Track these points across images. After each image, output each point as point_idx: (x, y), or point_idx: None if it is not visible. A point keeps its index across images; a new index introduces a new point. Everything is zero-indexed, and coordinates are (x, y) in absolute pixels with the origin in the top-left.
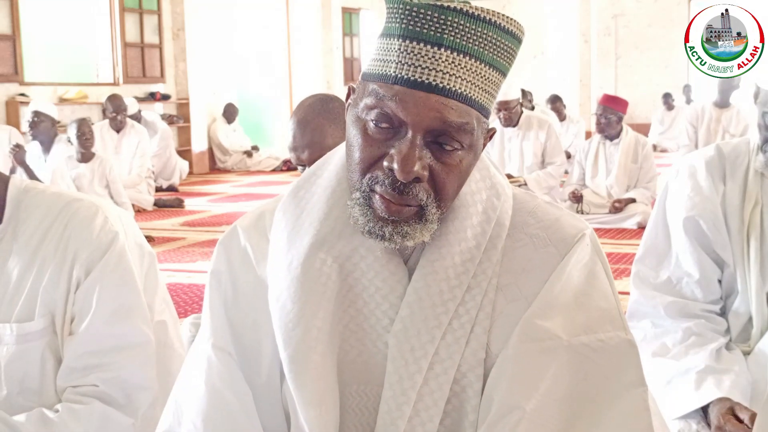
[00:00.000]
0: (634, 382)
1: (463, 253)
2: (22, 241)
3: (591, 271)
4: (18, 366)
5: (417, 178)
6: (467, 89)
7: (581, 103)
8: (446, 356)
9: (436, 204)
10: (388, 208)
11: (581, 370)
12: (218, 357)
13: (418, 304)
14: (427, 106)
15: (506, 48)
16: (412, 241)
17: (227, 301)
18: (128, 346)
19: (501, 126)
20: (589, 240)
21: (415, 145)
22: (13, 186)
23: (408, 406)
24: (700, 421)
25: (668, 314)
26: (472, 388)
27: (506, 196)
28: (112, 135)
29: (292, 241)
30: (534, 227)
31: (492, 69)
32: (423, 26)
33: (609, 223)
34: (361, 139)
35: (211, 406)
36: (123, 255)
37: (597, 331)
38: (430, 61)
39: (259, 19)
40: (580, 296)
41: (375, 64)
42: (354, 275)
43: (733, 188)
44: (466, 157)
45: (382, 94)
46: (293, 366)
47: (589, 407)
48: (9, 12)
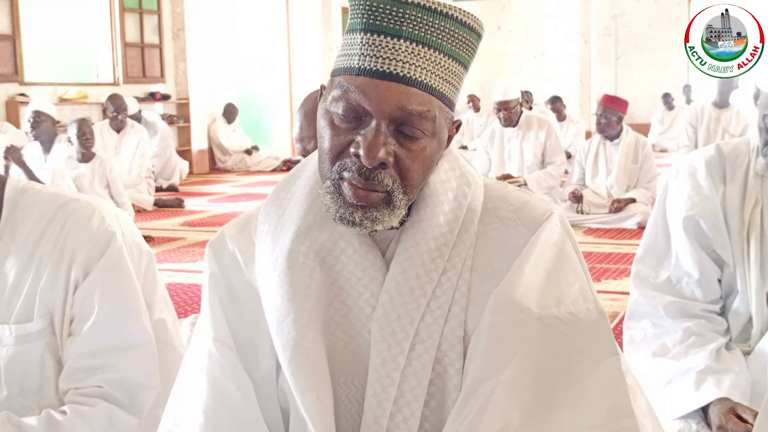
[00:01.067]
0: (607, 351)
1: (437, 239)
2: (20, 241)
3: (561, 249)
4: (18, 367)
5: (382, 163)
6: (427, 78)
7: (581, 103)
8: (426, 336)
9: (402, 190)
10: (356, 194)
11: (554, 342)
12: (219, 350)
13: (397, 290)
14: (389, 95)
15: (465, 40)
16: (381, 225)
17: (224, 300)
18: (130, 346)
19: (501, 126)
20: (558, 220)
21: (379, 132)
22: (10, 186)
23: (393, 387)
24: (700, 421)
25: (668, 314)
26: (453, 367)
27: (476, 184)
28: (112, 135)
29: (275, 240)
30: (504, 210)
31: (452, 60)
32: (383, 20)
33: (609, 223)
34: (329, 129)
35: (213, 399)
36: (121, 255)
37: (568, 304)
38: (390, 52)
39: (259, 19)
40: (550, 272)
41: (340, 59)
42: (336, 268)
43: (733, 188)
44: (430, 145)
45: (347, 86)
46: (287, 353)
47: (564, 378)
48: (9, 12)
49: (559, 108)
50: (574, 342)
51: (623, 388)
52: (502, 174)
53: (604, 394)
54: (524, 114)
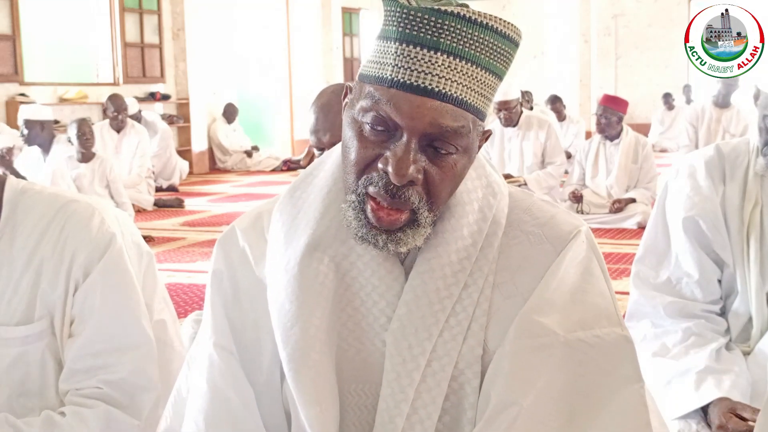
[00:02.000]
0: (631, 377)
1: (460, 251)
2: (19, 242)
3: (587, 268)
4: (18, 368)
5: (411, 181)
6: (463, 93)
7: (581, 103)
8: (443, 353)
9: (428, 207)
10: (379, 219)
11: (578, 366)
12: (220, 355)
13: (415, 302)
14: (423, 110)
15: (503, 52)
16: (405, 247)
17: (227, 301)
18: (130, 347)
19: (501, 126)
20: (585, 237)
21: (410, 149)
22: (9, 187)
23: (406, 403)
24: (700, 421)
25: (668, 314)
26: (470, 385)
27: (502, 194)
28: (113, 135)
29: (289, 240)
30: (530, 224)
31: (488, 73)
32: (420, 30)
33: (609, 223)
34: (357, 141)
35: (213, 405)
36: (121, 256)
37: (593, 327)
38: (426, 65)
39: (259, 19)
40: (576, 293)
41: (372, 66)
42: (351, 274)
43: (732, 188)
44: (461, 160)
45: (378, 97)
46: (292, 365)
47: (587, 403)
48: (9, 12)
49: (559, 108)
50: (599, 366)
51: (645, 417)
52: (502, 174)
53: (625, 422)
54: (524, 114)
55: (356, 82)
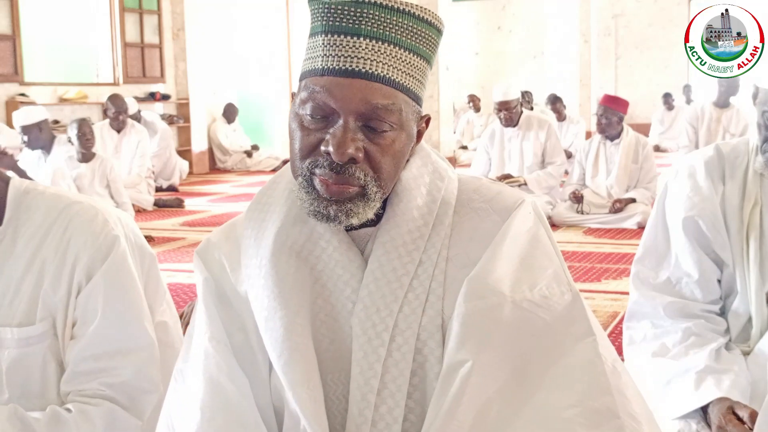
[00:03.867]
0: (582, 332)
1: (412, 232)
2: (22, 243)
3: (534, 236)
4: (19, 370)
5: (353, 159)
6: (389, 72)
7: (581, 103)
8: (405, 327)
9: (376, 183)
10: (328, 189)
11: (528, 325)
12: (215, 348)
13: (375, 284)
14: (353, 91)
15: (424, 35)
16: (356, 218)
17: (217, 303)
18: (132, 350)
19: (501, 126)
20: (531, 208)
21: (348, 129)
22: (13, 187)
23: (375, 379)
24: (699, 421)
25: (668, 314)
26: (434, 355)
27: (450, 178)
28: (113, 135)
29: (258, 243)
30: (478, 201)
31: (413, 54)
32: (342, 20)
33: (609, 223)
34: (299, 131)
35: (209, 395)
36: (124, 258)
37: (541, 288)
38: (351, 50)
39: (259, 19)
40: (523, 258)
41: (306, 63)
42: (317, 267)
43: (732, 188)
44: (398, 138)
45: (312, 87)
46: (277, 350)
47: (540, 360)
48: (9, 12)
49: (559, 108)
50: (549, 325)
51: (600, 367)
52: (503, 174)
53: (581, 374)
54: (524, 114)
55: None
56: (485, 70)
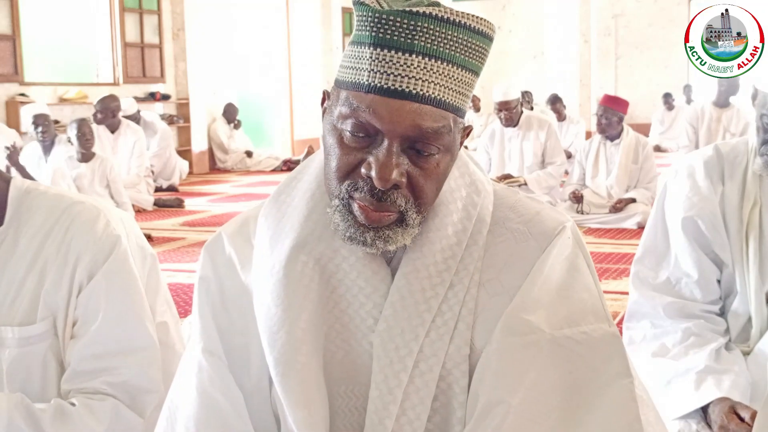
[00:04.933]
0: (619, 373)
1: (445, 251)
2: (23, 243)
3: (573, 264)
4: (20, 369)
5: (395, 185)
6: (441, 93)
7: (581, 103)
8: (431, 354)
9: (416, 209)
10: (367, 216)
11: (566, 362)
12: (208, 361)
13: (401, 302)
14: (402, 114)
15: (477, 48)
16: (394, 245)
17: (215, 306)
18: (134, 350)
19: (501, 126)
20: (570, 233)
21: (392, 153)
22: (14, 187)
23: (395, 405)
24: (699, 421)
25: (668, 315)
26: (458, 385)
27: (486, 192)
28: (108, 135)
29: (273, 244)
30: (515, 222)
31: (464, 70)
32: (393, 33)
33: (609, 223)
34: (338, 148)
35: (203, 411)
36: (126, 258)
37: (580, 324)
38: (402, 68)
39: (259, 19)
40: (562, 289)
41: (347, 71)
42: (337, 276)
43: (731, 188)
44: (444, 160)
45: (356, 104)
46: (279, 368)
47: (576, 400)
48: (9, 12)
49: (559, 108)
50: (587, 362)
51: (635, 412)
52: (503, 174)
53: (616, 417)
54: (524, 114)
55: (333, 88)
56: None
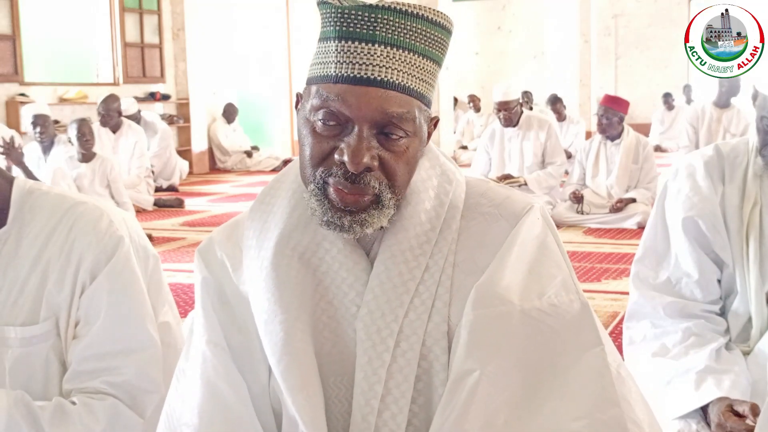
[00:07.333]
0: (590, 341)
1: (419, 236)
2: (26, 243)
3: (543, 242)
4: (22, 369)
5: (368, 167)
6: (404, 80)
7: (581, 103)
8: (411, 332)
9: (390, 190)
10: (343, 199)
11: (537, 334)
12: (212, 351)
13: (380, 288)
14: (369, 100)
15: (437, 39)
16: (371, 228)
17: (216, 306)
18: (135, 350)
19: (501, 126)
20: (539, 213)
21: (362, 138)
22: (17, 187)
23: (379, 385)
24: (699, 421)
25: (668, 314)
26: (439, 362)
27: (458, 181)
28: (109, 135)
29: (260, 244)
30: (486, 206)
31: (425, 59)
32: (356, 26)
33: (609, 223)
34: (311, 137)
35: (207, 399)
36: (128, 259)
37: (550, 297)
38: (366, 57)
39: (259, 19)
40: (533, 265)
41: (316, 67)
42: (321, 269)
43: (732, 188)
44: (412, 144)
45: (326, 94)
46: (276, 354)
47: (548, 370)
48: (9, 12)
49: (559, 108)
50: (558, 334)
51: (608, 378)
52: (503, 174)
53: (589, 385)
54: (524, 114)
55: (305, 87)
56: (485, 70)
